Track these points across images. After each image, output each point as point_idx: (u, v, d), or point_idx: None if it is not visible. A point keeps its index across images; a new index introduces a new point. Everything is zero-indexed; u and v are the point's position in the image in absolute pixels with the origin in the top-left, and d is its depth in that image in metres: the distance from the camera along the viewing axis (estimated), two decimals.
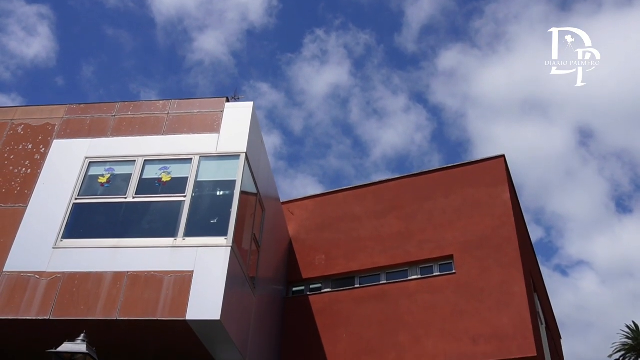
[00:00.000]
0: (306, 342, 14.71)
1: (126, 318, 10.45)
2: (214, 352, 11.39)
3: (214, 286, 10.45)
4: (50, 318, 10.60)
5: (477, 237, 14.69)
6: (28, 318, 10.69)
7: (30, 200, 12.15)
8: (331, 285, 15.79)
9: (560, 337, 24.00)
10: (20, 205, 12.13)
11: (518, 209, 16.14)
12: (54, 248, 11.44)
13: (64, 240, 11.54)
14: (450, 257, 14.77)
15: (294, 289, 16.24)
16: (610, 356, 59.62)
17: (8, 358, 12.36)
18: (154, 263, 10.90)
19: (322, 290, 15.78)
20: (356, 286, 15.46)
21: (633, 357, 61.38)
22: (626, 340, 62.65)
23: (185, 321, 10.27)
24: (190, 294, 10.41)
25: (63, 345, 7.17)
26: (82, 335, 7.29)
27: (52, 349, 7.09)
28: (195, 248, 10.97)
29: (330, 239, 16.26)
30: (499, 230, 14.58)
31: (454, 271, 14.53)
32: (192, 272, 10.67)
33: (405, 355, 13.74)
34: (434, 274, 14.85)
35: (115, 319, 10.45)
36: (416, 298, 14.47)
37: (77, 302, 10.69)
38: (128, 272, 10.88)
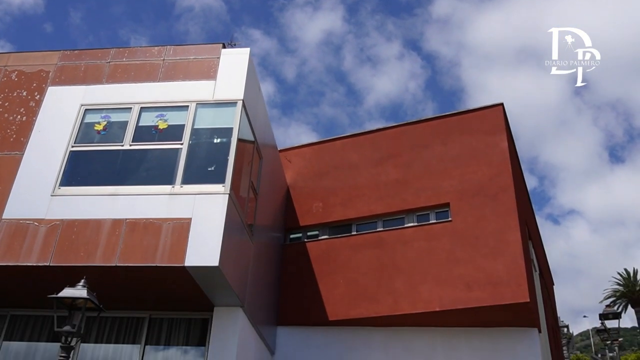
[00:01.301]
0: (303, 288, 14.95)
1: (125, 264, 10.58)
2: (212, 298, 11.59)
3: (212, 233, 10.55)
4: (50, 264, 10.73)
5: (473, 185, 14.75)
6: (28, 264, 10.82)
7: (27, 148, 12.11)
8: (328, 233, 15.94)
9: (553, 284, 24.45)
10: (17, 152, 12.09)
11: (515, 157, 16.16)
12: (52, 195, 11.47)
13: (62, 188, 11.57)
14: (447, 205, 14.86)
15: (292, 236, 16.39)
16: (601, 302, 60.95)
17: (10, 304, 12.58)
18: (152, 210, 10.96)
19: (319, 237, 15.93)
20: (353, 233, 15.60)
21: (623, 303, 62.81)
22: (617, 286, 63.98)
23: (184, 267, 10.40)
24: (189, 241, 10.51)
25: (64, 290, 7.27)
26: (82, 280, 7.39)
27: (53, 294, 7.19)
28: (193, 195, 11.01)
29: (327, 186, 16.31)
30: (496, 179, 14.63)
31: (450, 219, 14.64)
32: (190, 219, 10.75)
33: (400, 301, 14.00)
34: (430, 222, 14.97)
35: (114, 265, 10.58)
36: (412, 245, 14.63)
37: (77, 248, 10.81)
38: (126, 219, 10.95)
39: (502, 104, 15.76)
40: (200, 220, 10.71)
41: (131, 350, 12.24)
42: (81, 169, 11.93)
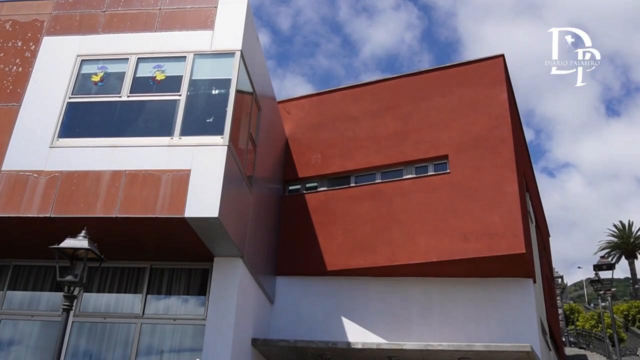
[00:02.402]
0: (302, 239, 15.11)
1: (125, 215, 10.67)
2: (212, 249, 11.74)
3: (211, 184, 10.60)
4: (51, 216, 10.81)
5: (472, 137, 14.74)
6: (29, 216, 10.91)
7: (24, 99, 12.04)
8: (327, 184, 16.01)
9: (549, 235, 24.72)
10: (14, 104, 12.02)
11: (515, 109, 16.10)
12: (50, 147, 11.47)
13: (60, 140, 11.56)
14: (445, 157, 14.88)
15: (290, 188, 16.46)
16: (595, 253, 61.80)
17: (13, 254, 12.73)
18: (151, 162, 10.99)
19: (318, 189, 16.01)
20: (351, 185, 15.67)
21: (617, 255, 63.68)
22: (612, 238, 64.74)
23: (184, 218, 10.49)
24: (188, 192, 10.58)
25: (65, 241, 7.35)
26: (83, 231, 7.46)
27: (54, 245, 7.27)
28: (192, 147, 11.01)
29: (326, 138, 16.29)
30: (495, 131, 14.61)
31: (448, 171, 14.69)
32: (190, 170, 10.78)
33: (398, 252, 14.18)
34: (429, 174, 15.02)
35: (115, 216, 10.67)
36: (410, 197, 14.72)
37: (77, 200, 10.87)
38: (126, 170, 10.98)
39: (502, 56, 15.61)
40: (199, 172, 10.75)
41: (133, 300, 12.46)
42: (79, 121, 11.88)
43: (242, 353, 12.16)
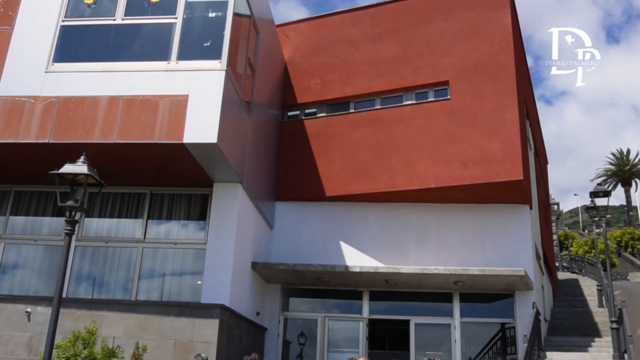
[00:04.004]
0: (301, 164, 15.14)
1: (124, 141, 10.65)
2: (211, 174, 11.78)
3: (210, 109, 10.52)
4: (50, 141, 10.79)
5: (474, 62, 14.51)
6: (28, 141, 10.88)
7: (16, 23, 11.76)
8: (326, 110, 15.88)
9: (547, 162, 24.79)
10: (6, 27, 11.75)
11: (518, 35, 15.75)
12: (45, 72, 11.31)
13: (55, 64, 11.37)
14: (446, 82, 14.69)
15: (289, 114, 16.34)
16: (592, 180, 62.17)
17: (13, 180, 12.79)
18: (149, 87, 10.86)
19: (317, 115, 15.90)
20: (351, 111, 15.55)
21: (614, 182, 64.10)
22: (609, 165, 64.97)
23: (182, 144, 10.47)
24: (186, 118, 10.51)
25: (64, 166, 7.33)
26: (82, 157, 7.44)
27: (53, 170, 7.27)
28: (189, 72, 10.86)
29: (325, 63, 16.02)
30: (497, 56, 14.36)
31: (448, 97, 14.55)
32: (187, 95, 10.67)
33: (396, 177, 14.25)
34: (429, 100, 14.89)
35: (113, 142, 10.64)
36: (410, 123, 14.64)
37: (75, 125, 10.81)
38: (123, 96, 10.87)
39: None
40: (197, 97, 10.64)
41: (134, 225, 12.62)
42: (74, 45, 11.66)
43: (242, 276, 12.44)
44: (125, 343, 8.02)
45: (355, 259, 14.26)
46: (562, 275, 30.46)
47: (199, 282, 11.77)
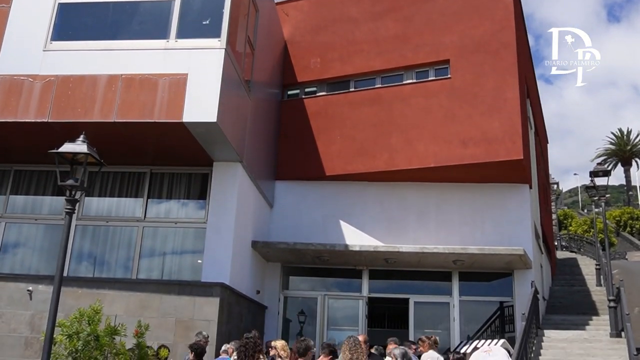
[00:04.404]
0: (301, 143, 15.11)
1: (123, 120, 10.63)
2: (211, 153, 11.77)
3: (209, 88, 10.48)
4: (49, 120, 10.77)
5: (475, 41, 14.41)
6: (27, 120, 10.86)
7: (13, 1, 11.67)
8: (326, 89, 15.82)
9: (547, 142, 24.76)
10: (3, 5, 11.67)
11: (519, 12, 15.62)
12: (44, 50, 11.25)
13: (54, 43, 11.31)
14: (447, 61, 14.61)
15: (289, 93, 16.27)
16: (592, 160, 62.16)
17: (13, 159, 12.78)
18: (148, 66, 10.80)
19: (317, 94, 15.84)
20: (351, 90, 15.49)
21: (614, 162, 64.10)
22: (609, 145, 64.90)
23: (182, 123, 10.46)
24: (186, 97, 10.48)
25: (64, 145, 7.32)
26: (82, 136, 7.42)
27: (53, 149, 7.26)
28: (189, 50, 10.80)
29: (325, 41, 15.91)
30: (498, 35, 14.26)
31: (449, 76, 14.48)
32: (187, 74, 10.63)
33: (396, 157, 14.24)
34: (429, 79, 14.82)
35: (113, 121, 10.62)
36: (410, 102, 14.59)
37: (74, 104, 10.78)
38: (122, 74, 10.82)
39: None
40: (196, 76, 10.59)
41: (134, 204, 12.64)
42: (72, 23, 11.58)
43: (242, 255, 12.49)
44: (126, 321, 8.08)
45: (355, 238, 14.32)
46: (560, 254, 30.59)
47: (199, 261, 11.82)
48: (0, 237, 12.53)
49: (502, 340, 11.14)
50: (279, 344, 9.56)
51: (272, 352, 9.42)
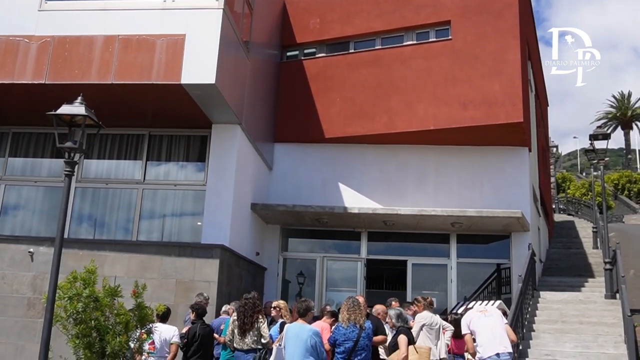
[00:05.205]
0: (300, 106, 15.02)
1: (121, 82, 10.55)
2: (210, 115, 11.72)
3: (207, 50, 10.38)
4: (46, 82, 10.69)
5: (476, 2, 14.19)
6: (24, 82, 10.78)
7: None
8: (325, 50, 15.64)
9: (548, 105, 24.62)
10: None
11: None
12: (39, 10, 11.11)
13: (49, 2, 11.16)
14: (448, 22, 14.41)
15: (288, 54, 16.09)
16: (591, 123, 61.98)
17: (11, 121, 12.72)
18: (145, 26, 10.67)
19: (317, 55, 15.66)
20: (351, 51, 15.32)
21: (614, 125, 63.93)
22: (610, 109, 64.63)
23: (180, 85, 10.38)
24: (184, 58, 10.39)
25: (62, 107, 7.26)
26: (79, 98, 7.36)
27: (51, 111, 7.21)
28: (186, 10, 10.66)
29: (325, 2, 15.65)
30: None
31: (450, 37, 14.31)
32: (184, 35, 10.51)
33: (396, 119, 14.18)
34: (430, 40, 14.65)
35: (110, 82, 10.54)
36: (410, 64, 14.46)
37: (71, 66, 10.69)
38: (119, 35, 10.69)
39: None
40: (194, 37, 10.48)
41: (133, 166, 12.65)
42: None
43: (242, 217, 12.55)
44: (127, 282, 8.16)
45: (354, 200, 14.36)
46: (558, 217, 30.77)
47: (199, 223, 11.88)
48: (0, 200, 12.57)
49: (498, 302, 11.29)
50: (282, 304, 9.70)
51: (273, 313, 9.56)
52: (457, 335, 9.65)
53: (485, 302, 11.94)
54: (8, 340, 10.95)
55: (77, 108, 7.27)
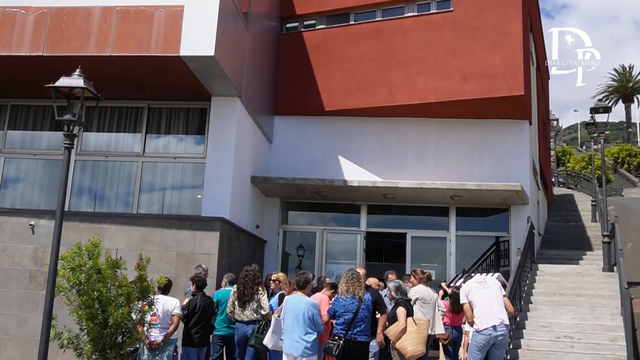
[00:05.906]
0: (300, 78, 14.92)
1: (120, 54, 10.47)
2: (209, 87, 11.66)
3: (206, 21, 10.28)
4: (44, 54, 10.60)
5: None
6: (22, 54, 10.69)
7: None
8: (325, 22, 15.49)
9: (549, 78, 24.47)
10: None
11: None
12: None
13: None
14: None
15: (288, 26, 15.94)
16: (593, 97, 61.67)
17: (9, 94, 12.65)
18: None
19: (316, 27, 15.52)
20: (351, 23, 15.17)
21: (615, 99, 63.64)
22: (611, 82, 64.28)
23: (179, 57, 10.31)
24: (183, 30, 10.29)
25: (60, 80, 7.22)
26: (78, 70, 7.31)
27: (49, 84, 7.17)
28: None
29: None
30: None
31: (451, 9, 14.16)
32: (183, 6, 10.40)
33: (396, 92, 14.10)
34: (431, 11, 14.51)
35: (108, 54, 10.47)
36: (411, 36, 14.33)
37: (69, 38, 10.60)
38: (117, 6, 10.58)
39: None
40: (193, 8, 10.37)
41: (133, 139, 12.63)
42: None
43: (241, 189, 12.57)
44: (128, 255, 8.20)
45: (354, 174, 14.37)
46: (557, 190, 30.82)
47: (199, 196, 11.91)
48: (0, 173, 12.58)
49: (496, 274, 11.36)
50: (282, 276, 9.78)
51: (273, 285, 9.64)
52: (456, 310, 9.74)
53: (484, 274, 12.03)
54: (11, 312, 11.06)
55: (75, 80, 7.23)
